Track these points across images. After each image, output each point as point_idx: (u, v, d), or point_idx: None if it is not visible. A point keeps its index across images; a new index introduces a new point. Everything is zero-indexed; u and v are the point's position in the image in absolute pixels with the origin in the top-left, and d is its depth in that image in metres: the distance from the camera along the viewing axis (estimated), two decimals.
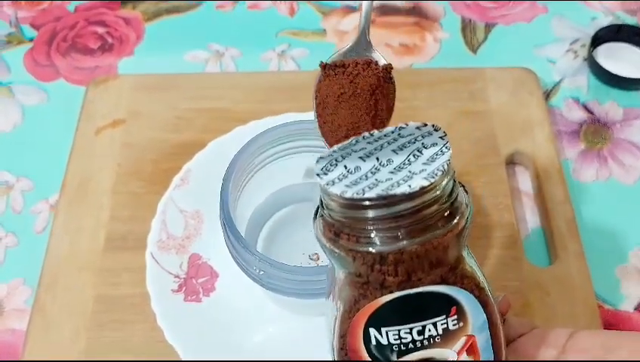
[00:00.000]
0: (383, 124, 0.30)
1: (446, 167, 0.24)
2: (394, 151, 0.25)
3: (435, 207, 0.24)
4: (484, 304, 0.26)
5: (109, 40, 0.55)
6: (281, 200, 0.43)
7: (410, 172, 0.24)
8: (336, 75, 0.29)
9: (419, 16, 0.56)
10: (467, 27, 0.55)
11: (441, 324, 0.25)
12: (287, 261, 0.40)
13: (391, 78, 0.30)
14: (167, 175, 0.45)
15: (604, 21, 0.55)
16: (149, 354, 0.39)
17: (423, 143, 0.25)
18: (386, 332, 0.25)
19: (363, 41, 0.30)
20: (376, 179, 0.25)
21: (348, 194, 0.24)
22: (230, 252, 0.35)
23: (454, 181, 0.26)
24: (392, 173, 0.25)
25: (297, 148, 0.38)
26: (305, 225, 0.42)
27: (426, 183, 0.24)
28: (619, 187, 0.47)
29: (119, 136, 0.48)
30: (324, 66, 0.30)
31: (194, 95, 0.50)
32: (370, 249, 0.25)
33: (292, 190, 0.42)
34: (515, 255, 0.43)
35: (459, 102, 0.49)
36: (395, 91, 0.30)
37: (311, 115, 0.36)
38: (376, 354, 0.25)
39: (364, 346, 0.25)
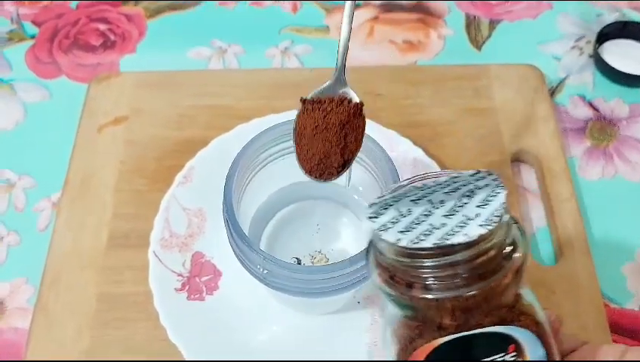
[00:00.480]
0: (352, 154, 0.33)
1: (502, 212, 0.24)
2: (446, 193, 0.25)
3: (493, 252, 0.24)
4: (542, 338, 0.26)
5: (111, 37, 0.54)
6: (284, 199, 0.42)
7: (464, 216, 0.24)
8: (313, 110, 0.33)
9: (423, 12, 0.55)
10: (471, 24, 0.55)
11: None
12: (290, 259, 0.40)
13: (361, 114, 0.33)
14: (170, 172, 0.45)
15: (610, 18, 0.54)
16: (152, 352, 0.39)
17: (475, 185, 0.25)
18: None
19: (340, 80, 0.34)
20: (430, 225, 0.24)
21: (403, 243, 0.23)
22: (233, 250, 0.34)
23: (509, 221, 0.25)
24: (445, 216, 0.24)
25: None
26: (308, 224, 0.42)
27: (483, 231, 0.23)
28: (625, 184, 0.46)
29: (121, 133, 0.48)
30: (303, 101, 0.33)
31: (196, 92, 0.50)
32: (427, 296, 0.24)
33: (295, 188, 0.42)
34: None
35: (463, 100, 0.49)
36: (364, 125, 0.33)
37: None
38: None
39: None
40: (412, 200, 0.25)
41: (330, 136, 0.32)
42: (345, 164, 0.33)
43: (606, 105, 0.50)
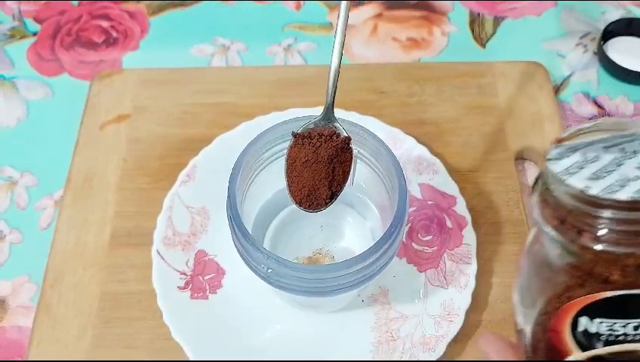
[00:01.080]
0: (340, 186, 0.35)
1: None
2: None
3: None
4: None
5: (114, 34, 0.54)
6: (288, 197, 0.42)
7: None
8: (303, 144, 0.35)
9: (427, 10, 0.55)
10: (475, 21, 0.54)
11: None
12: (294, 258, 0.40)
13: (349, 148, 0.35)
14: (173, 170, 0.44)
15: (615, 15, 0.54)
16: (156, 351, 0.39)
17: None
18: (599, 323, 0.24)
19: (329, 115, 0.35)
20: (622, 175, 0.22)
21: (593, 191, 0.22)
22: (237, 249, 0.34)
23: None
24: (639, 168, 0.22)
25: None
26: (312, 223, 0.42)
27: None
28: None
29: (124, 131, 0.47)
30: (295, 135, 0.35)
31: (200, 89, 0.49)
32: (601, 247, 0.22)
33: None
34: None
35: (467, 97, 0.48)
36: (351, 158, 0.35)
37: (317, 111, 0.36)
38: (580, 339, 0.24)
39: (569, 329, 0.24)
40: (603, 147, 0.23)
41: (319, 169, 0.34)
42: (333, 196, 0.35)
43: (611, 103, 0.49)
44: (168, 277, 0.40)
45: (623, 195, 0.22)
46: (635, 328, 0.24)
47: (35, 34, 0.54)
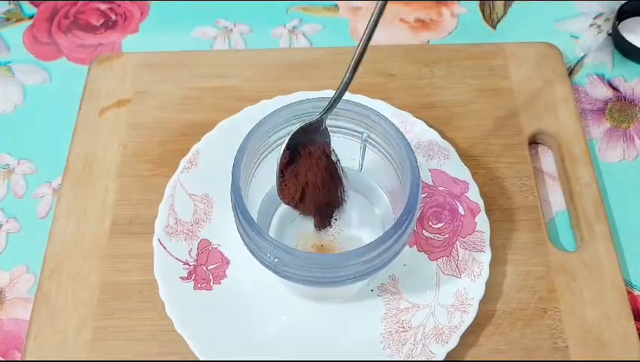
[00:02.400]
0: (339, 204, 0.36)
1: None
2: None
3: None
4: None
5: (113, 16, 0.51)
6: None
7: None
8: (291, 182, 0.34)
9: None
10: (485, 2, 0.51)
11: None
12: (301, 248, 0.38)
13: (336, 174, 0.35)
14: (174, 157, 0.42)
15: None
16: (158, 343, 0.36)
17: None
18: None
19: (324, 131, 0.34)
20: None
21: None
22: (242, 238, 0.32)
23: None
24: None
25: None
26: None
27: None
28: None
29: (124, 116, 0.45)
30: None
31: (202, 73, 0.46)
32: None
33: None
34: (539, 238, 0.39)
35: (479, 80, 0.45)
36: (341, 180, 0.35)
37: (323, 93, 0.33)
38: None
39: None
40: None
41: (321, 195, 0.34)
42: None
43: (626, 85, 0.47)
44: (170, 267, 0.38)
45: None
46: None
47: (31, 17, 0.51)
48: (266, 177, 0.36)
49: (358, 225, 0.39)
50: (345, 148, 0.35)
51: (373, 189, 0.38)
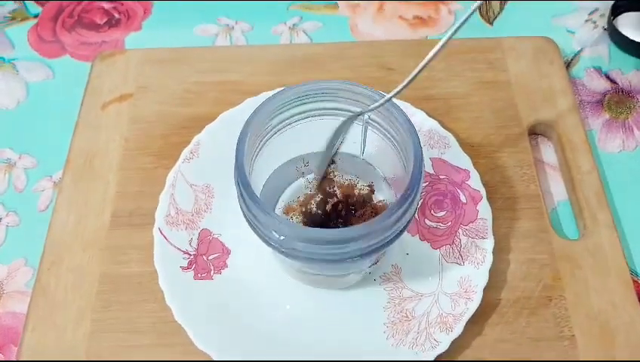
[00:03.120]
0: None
1: None
2: None
3: None
4: None
5: (116, 15, 0.49)
6: (295, 171, 0.37)
7: None
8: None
9: None
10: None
11: None
12: None
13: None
14: (176, 149, 0.40)
15: None
16: (157, 335, 0.34)
17: None
18: None
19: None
20: None
21: None
22: (246, 217, 0.29)
23: None
24: None
25: (318, 111, 0.33)
26: None
27: None
28: None
29: (127, 110, 0.43)
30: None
31: (204, 68, 0.45)
32: None
33: (308, 158, 0.37)
34: (542, 227, 0.37)
35: (477, 73, 0.44)
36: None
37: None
38: None
39: None
40: None
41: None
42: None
43: (623, 78, 0.45)
44: (171, 256, 0.36)
45: None
46: None
47: (36, 16, 0.49)
48: (268, 163, 0.34)
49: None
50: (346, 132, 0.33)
51: (375, 175, 0.36)
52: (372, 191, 0.35)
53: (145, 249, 0.36)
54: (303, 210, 0.35)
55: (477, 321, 0.34)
